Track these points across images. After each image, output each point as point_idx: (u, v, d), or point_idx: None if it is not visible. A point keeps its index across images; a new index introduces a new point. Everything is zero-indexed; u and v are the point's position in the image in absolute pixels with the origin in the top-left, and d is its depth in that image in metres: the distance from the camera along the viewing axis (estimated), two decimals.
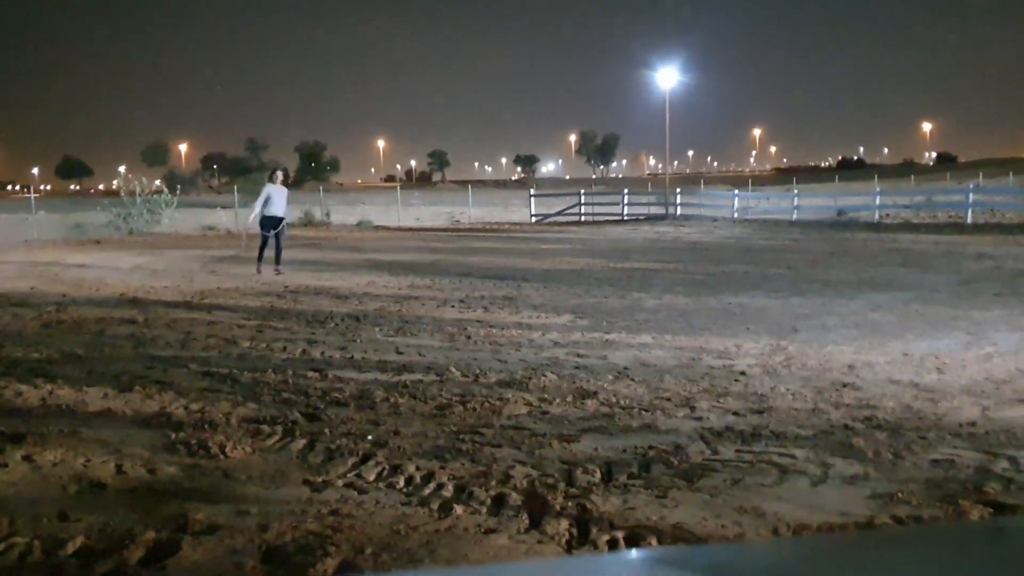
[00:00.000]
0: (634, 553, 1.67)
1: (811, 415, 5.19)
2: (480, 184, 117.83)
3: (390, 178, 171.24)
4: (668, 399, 5.60)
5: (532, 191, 38.44)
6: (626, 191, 37.22)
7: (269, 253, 14.32)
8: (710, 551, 1.41)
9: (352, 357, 7.14)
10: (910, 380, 6.10)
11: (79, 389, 5.96)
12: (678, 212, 32.64)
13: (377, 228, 30.48)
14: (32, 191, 33.39)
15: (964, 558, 1.00)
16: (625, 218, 33.23)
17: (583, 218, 34.13)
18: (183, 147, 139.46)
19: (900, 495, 3.74)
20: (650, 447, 4.52)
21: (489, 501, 3.73)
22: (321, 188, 47.80)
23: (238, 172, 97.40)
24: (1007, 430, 4.78)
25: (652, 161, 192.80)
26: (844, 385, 5.96)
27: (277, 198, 14.43)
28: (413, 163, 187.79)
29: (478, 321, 8.94)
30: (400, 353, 7.29)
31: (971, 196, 27.55)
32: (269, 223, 14.35)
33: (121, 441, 4.69)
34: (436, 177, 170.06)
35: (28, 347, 7.66)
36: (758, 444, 4.57)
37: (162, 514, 3.57)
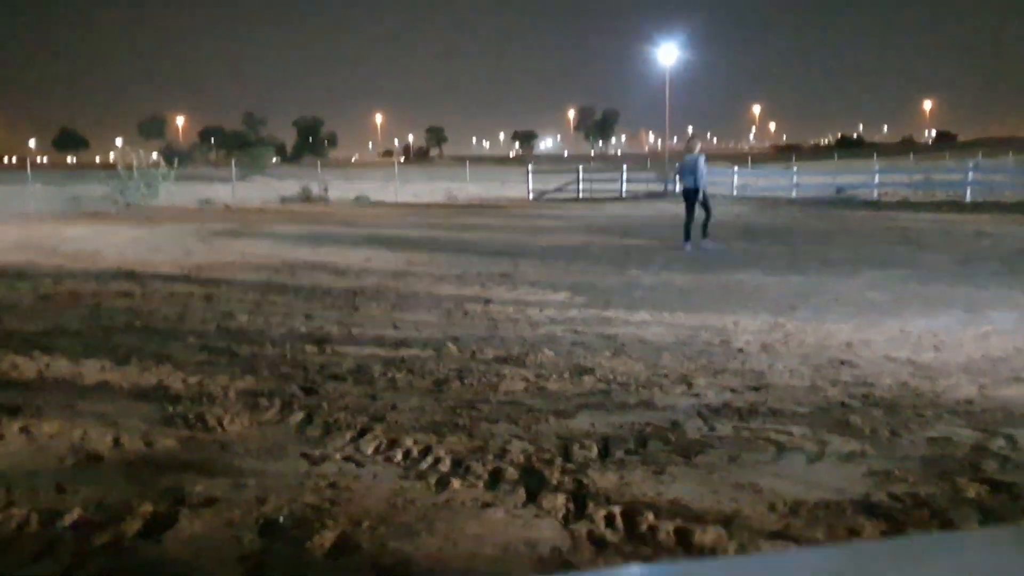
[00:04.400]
0: (635, 570, 1.65)
1: (808, 392, 5.19)
2: (478, 160, 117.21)
3: (388, 153, 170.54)
4: (665, 376, 5.61)
5: (530, 167, 38.27)
6: (625, 168, 37.10)
7: None
8: (708, 565, 1.39)
9: (350, 332, 7.14)
10: (907, 358, 6.10)
11: (76, 361, 5.95)
12: (677, 189, 32.53)
13: (375, 203, 30.41)
14: (28, 163, 33.19)
15: (969, 569, 0.99)
16: (624, 195, 33.14)
17: (581, 195, 34.02)
18: (180, 120, 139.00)
19: (897, 472, 3.75)
20: (647, 423, 4.52)
21: (486, 475, 3.73)
22: (319, 163, 47.61)
23: (236, 146, 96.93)
24: (1004, 408, 4.78)
25: (652, 138, 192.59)
26: (841, 363, 5.96)
27: None
28: (411, 138, 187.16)
29: (475, 297, 8.93)
30: (397, 328, 7.29)
31: (970, 175, 27.50)
32: None
33: (118, 414, 4.69)
34: (434, 153, 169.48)
35: (25, 319, 7.65)
36: (755, 421, 4.57)
37: (159, 487, 3.57)
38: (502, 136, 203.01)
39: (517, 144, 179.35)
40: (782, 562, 1.19)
